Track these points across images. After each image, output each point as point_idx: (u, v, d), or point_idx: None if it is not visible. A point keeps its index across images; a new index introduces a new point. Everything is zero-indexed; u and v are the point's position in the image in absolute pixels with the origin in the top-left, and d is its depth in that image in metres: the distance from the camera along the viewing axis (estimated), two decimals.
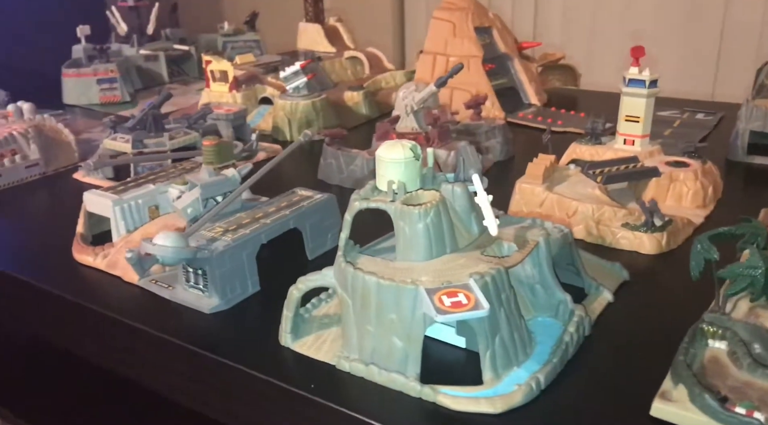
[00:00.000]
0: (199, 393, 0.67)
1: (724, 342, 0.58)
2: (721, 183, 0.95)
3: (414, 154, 0.63)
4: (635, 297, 0.71)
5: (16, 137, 1.10)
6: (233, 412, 0.65)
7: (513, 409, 0.55)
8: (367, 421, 0.55)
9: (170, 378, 0.69)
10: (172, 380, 0.69)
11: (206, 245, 0.69)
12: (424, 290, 0.56)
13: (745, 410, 0.50)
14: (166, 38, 1.81)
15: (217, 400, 0.66)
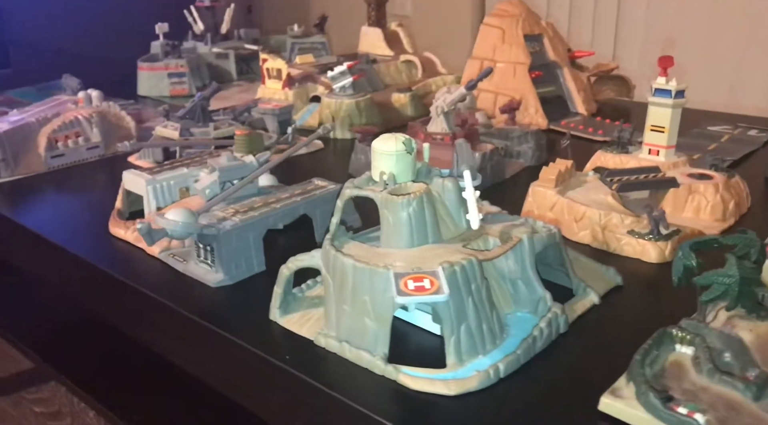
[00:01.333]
0: (196, 358, 0.73)
1: (692, 348, 0.58)
2: (749, 199, 0.93)
3: (406, 147, 0.67)
4: (626, 303, 0.72)
5: (81, 121, 1.20)
6: (224, 377, 0.70)
7: (468, 393, 0.57)
8: (332, 393, 0.58)
9: (173, 343, 0.75)
10: (174, 345, 0.75)
11: (215, 223, 0.74)
12: (393, 274, 0.59)
13: (687, 411, 0.50)
14: (238, 38, 1.91)
15: (211, 365, 0.71)
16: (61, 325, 1.34)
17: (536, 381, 0.59)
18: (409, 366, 0.59)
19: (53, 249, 0.89)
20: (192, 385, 0.96)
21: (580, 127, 1.29)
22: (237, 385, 0.69)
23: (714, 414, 0.51)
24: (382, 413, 0.55)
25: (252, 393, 0.68)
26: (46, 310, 1.40)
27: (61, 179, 1.13)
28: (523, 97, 1.33)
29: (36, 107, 1.26)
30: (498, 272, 0.67)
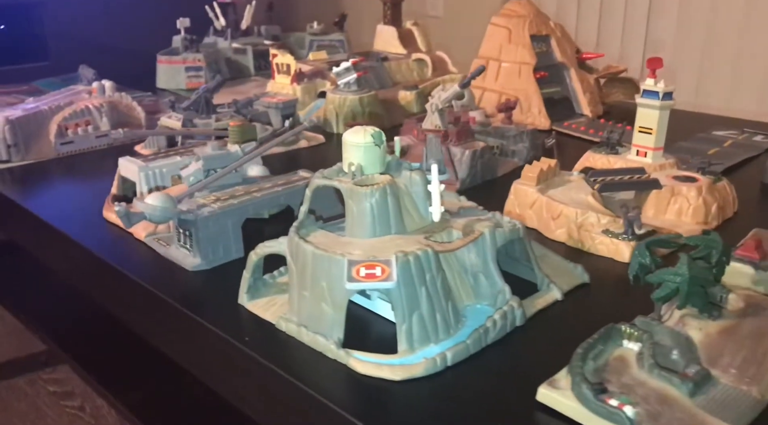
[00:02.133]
0: (172, 339, 0.75)
1: (639, 344, 0.59)
2: (735, 203, 0.92)
3: (375, 140, 0.68)
4: (592, 300, 0.72)
5: (91, 110, 1.24)
6: (194, 360, 0.73)
7: (413, 379, 0.58)
8: (285, 375, 0.60)
9: (152, 325, 0.78)
10: (152, 326, 0.78)
11: (194, 209, 0.77)
12: (347, 261, 0.61)
13: (618, 403, 0.51)
14: (258, 34, 1.94)
15: (184, 347, 0.73)
16: (67, 307, 1.39)
17: (483, 370, 0.60)
18: (360, 351, 0.61)
19: (50, 232, 0.92)
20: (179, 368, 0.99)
21: (581, 128, 1.29)
22: (206, 368, 0.72)
23: (645, 408, 0.52)
24: (330, 395, 0.57)
25: (219, 375, 0.71)
26: (54, 293, 1.46)
27: (69, 165, 1.17)
28: (527, 98, 1.34)
29: (52, 96, 1.31)
30: (460, 264, 0.68)
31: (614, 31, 1.97)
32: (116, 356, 1.27)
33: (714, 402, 0.53)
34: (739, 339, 0.59)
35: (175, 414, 1.13)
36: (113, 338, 1.28)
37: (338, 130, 1.31)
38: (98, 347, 1.32)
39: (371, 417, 0.55)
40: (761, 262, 0.71)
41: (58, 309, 1.42)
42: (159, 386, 1.14)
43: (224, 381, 0.70)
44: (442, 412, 0.55)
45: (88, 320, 1.37)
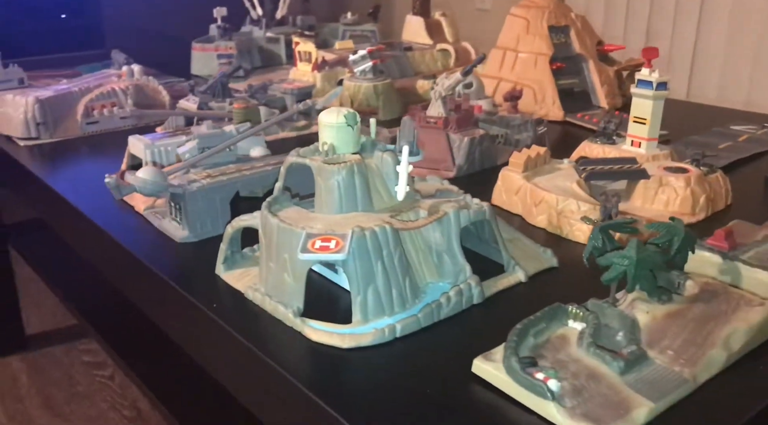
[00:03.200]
0: (156, 305, 0.80)
1: (583, 325, 0.60)
2: (729, 196, 0.91)
3: (347, 120, 0.71)
4: (557, 284, 0.74)
5: (117, 92, 1.31)
6: (172, 325, 0.77)
7: (361, 347, 0.61)
8: (243, 341, 0.63)
9: (142, 293, 0.83)
10: (143, 294, 0.83)
11: (185, 184, 0.81)
12: (305, 234, 0.64)
13: (543, 377, 0.53)
14: (293, 24, 1.98)
15: (164, 312, 0.78)
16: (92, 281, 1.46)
17: (433, 343, 0.62)
18: (316, 320, 0.64)
19: (65, 206, 0.98)
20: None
21: (594, 120, 1.29)
22: (184, 335, 0.76)
23: (573, 383, 0.53)
24: (282, 360, 0.60)
25: (194, 342, 0.75)
26: (80, 267, 1.53)
27: (93, 144, 1.24)
28: (542, 88, 1.34)
29: (85, 79, 1.38)
30: (425, 243, 0.70)
31: (639, 24, 1.95)
32: (134, 327, 1.33)
33: (643, 380, 0.54)
34: (683, 323, 0.60)
35: (180, 386, 1.18)
36: (132, 311, 1.35)
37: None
38: (120, 319, 1.39)
39: (317, 381, 0.58)
40: (730, 252, 0.71)
41: (85, 283, 1.50)
42: (167, 356, 1.20)
43: (197, 347, 0.74)
44: (384, 380, 0.58)
45: (110, 293, 1.43)
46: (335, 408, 0.53)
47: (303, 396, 0.56)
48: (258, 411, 0.66)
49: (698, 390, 0.55)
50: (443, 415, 0.53)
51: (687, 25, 1.87)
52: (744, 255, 0.70)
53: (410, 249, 0.69)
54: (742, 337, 0.58)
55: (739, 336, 0.58)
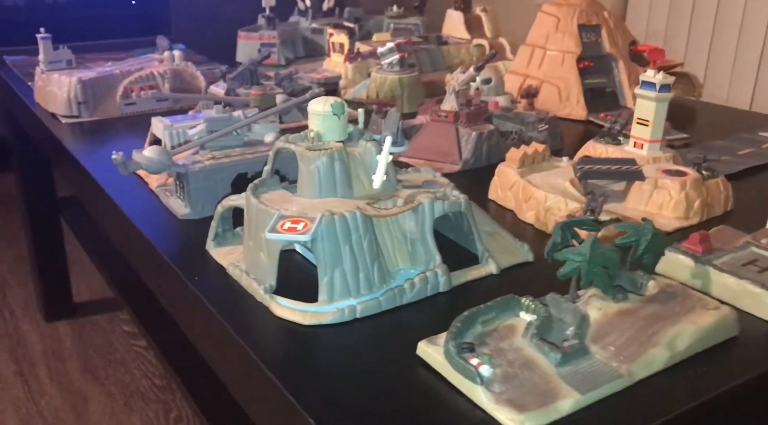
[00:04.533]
0: (153, 277, 0.85)
1: (533, 317, 0.62)
2: (729, 202, 0.90)
3: (334, 110, 0.74)
4: (529, 278, 0.75)
5: (155, 76, 1.37)
6: (164, 295, 0.82)
7: (322, 325, 0.64)
8: (213, 312, 0.68)
9: (143, 265, 0.88)
10: (144, 266, 0.88)
11: (188, 164, 0.86)
12: (278, 215, 0.67)
13: (477, 362, 0.55)
14: (339, 15, 2.03)
15: (158, 282, 0.83)
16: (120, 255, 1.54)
17: (392, 326, 0.65)
18: (284, 298, 0.67)
19: (89, 180, 1.05)
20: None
21: None
22: (174, 307, 0.81)
23: (506, 370, 0.55)
24: (246, 333, 0.64)
25: (181, 314, 0.80)
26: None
27: (130, 123, 1.31)
28: (567, 87, 1.34)
29: (128, 62, 1.46)
30: (401, 231, 0.73)
31: (681, 28, 1.91)
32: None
33: (577, 373, 0.55)
34: (632, 321, 0.61)
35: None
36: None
37: None
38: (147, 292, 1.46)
39: (273, 355, 0.61)
40: (703, 256, 0.71)
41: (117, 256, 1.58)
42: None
43: (184, 319, 0.79)
44: (337, 358, 0.61)
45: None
46: (284, 383, 0.57)
47: (258, 368, 0.60)
48: (228, 382, 0.71)
49: (633, 386, 0.56)
50: (385, 394, 0.56)
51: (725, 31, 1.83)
52: (717, 261, 0.70)
53: (385, 236, 0.71)
54: (687, 339, 0.59)
55: (684, 337, 0.59)
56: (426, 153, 1.08)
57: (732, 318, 0.62)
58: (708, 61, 2.01)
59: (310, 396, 0.55)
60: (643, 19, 2.15)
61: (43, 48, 1.38)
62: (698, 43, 1.99)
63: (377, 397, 0.56)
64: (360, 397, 0.56)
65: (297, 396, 0.55)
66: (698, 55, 2.01)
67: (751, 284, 0.66)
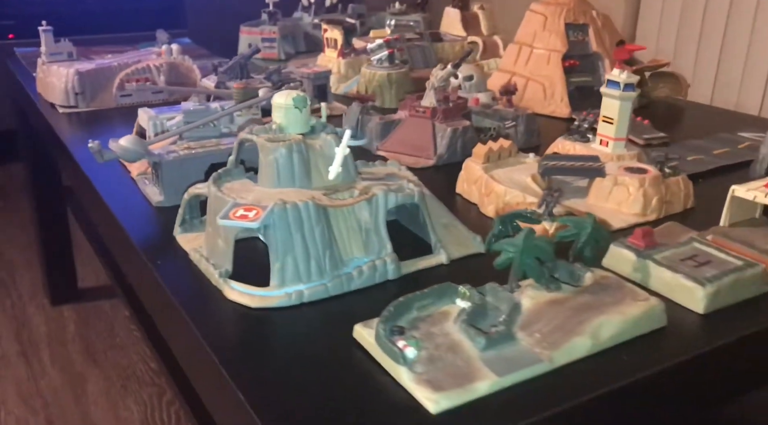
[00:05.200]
0: (124, 259, 0.89)
1: (469, 304, 0.65)
2: (689, 199, 0.92)
3: (295, 103, 0.78)
4: (479, 268, 0.78)
5: (151, 68, 1.42)
6: (132, 273, 0.86)
7: (269, 308, 0.68)
8: (169, 294, 0.71)
9: (115, 245, 0.92)
10: (116, 246, 0.92)
11: (163, 153, 0.90)
12: (232, 203, 0.71)
13: (403, 344, 0.58)
14: (342, 12, 2.06)
15: (128, 268, 0.87)
16: None
17: (338, 310, 0.68)
18: (237, 282, 0.71)
19: (78, 168, 1.10)
20: None
21: None
22: (142, 291, 0.85)
23: (432, 353, 0.58)
24: (195, 313, 0.68)
25: (148, 298, 0.83)
26: None
27: (124, 114, 1.35)
28: (552, 85, 1.36)
29: (127, 55, 1.50)
30: (356, 221, 0.76)
31: (690, 45, 1.92)
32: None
33: (499, 357, 0.58)
34: (561, 311, 0.63)
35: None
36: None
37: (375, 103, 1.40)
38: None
39: (220, 336, 0.65)
40: (645, 251, 0.73)
41: None
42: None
43: (148, 302, 0.83)
44: (279, 341, 0.64)
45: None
46: (220, 360, 0.60)
47: (202, 348, 0.63)
48: (183, 364, 0.74)
49: (555, 371, 0.58)
50: (319, 374, 0.59)
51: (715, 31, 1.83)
52: (658, 255, 0.72)
53: (340, 226, 0.74)
54: (612, 328, 0.61)
55: (610, 326, 0.61)
56: (403, 147, 1.11)
57: (659, 309, 0.64)
58: (716, 78, 2.02)
59: (246, 374, 0.58)
60: (653, 37, 2.17)
61: (45, 40, 1.43)
62: (707, 60, 2.00)
63: (311, 376, 0.59)
64: (295, 376, 0.59)
65: (230, 372, 0.58)
66: (707, 73, 2.02)
67: (684, 278, 0.68)
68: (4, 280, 2.21)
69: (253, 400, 0.55)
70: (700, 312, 0.67)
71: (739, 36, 1.92)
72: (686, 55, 2.05)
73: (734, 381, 0.68)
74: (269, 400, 0.55)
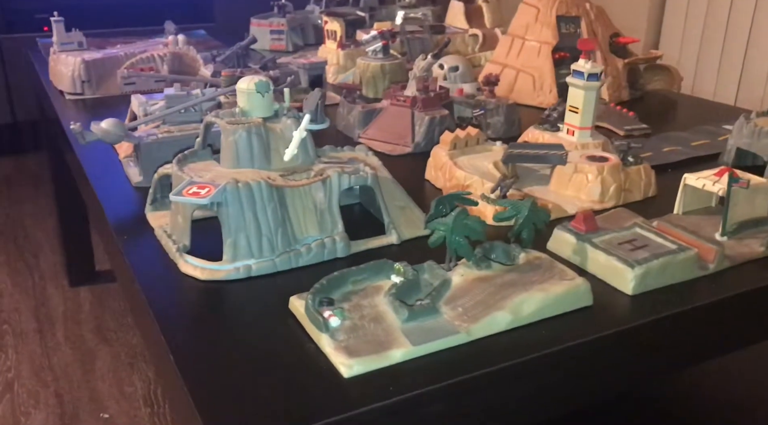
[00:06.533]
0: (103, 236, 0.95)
1: (402, 279, 0.68)
2: (651, 188, 0.93)
3: (257, 88, 0.82)
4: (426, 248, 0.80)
5: (155, 58, 1.47)
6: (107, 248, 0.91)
7: (220, 281, 0.72)
8: (128, 264, 0.76)
9: (97, 223, 0.98)
10: (98, 224, 0.98)
11: (143, 136, 0.95)
12: (188, 181, 0.75)
13: (328, 314, 0.61)
14: (352, 4, 2.09)
15: (105, 239, 0.92)
16: None
17: (285, 285, 0.72)
18: (191, 256, 0.75)
19: (70, 149, 1.15)
20: None
21: None
22: (116, 267, 0.90)
23: (356, 322, 0.62)
24: (150, 285, 0.72)
25: (117, 271, 0.89)
26: None
27: (127, 101, 1.39)
28: (541, 76, 1.37)
29: (134, 45, 1.56)
30: (312, 202, 0.80)
31: (712, 59, 1.92)
32: None
33: (419, 328, 0.61)
34: (487, 287, 0.66)
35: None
36: None
37: (362, 92, 1.44)
38: None
39: (167, 305, 0.69)
40: (585, 234, 0.75)
41: None
42: None
43: (119, 278, 0.88)
44: (222, 311, 0.69)
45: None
46: (162, 329, 0.64)
47: (149, 315, 0.67)
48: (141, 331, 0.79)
49: (472, 343, 0.61)
50: (251, 341, 0.63)
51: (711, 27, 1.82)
52: (596, 239, 0.74)
53: (297, 206, 0.78)
54: (534, 305, 0.64)
55: (531, 303, 0.64)
56: (383, 135, 1.15)
57: (584, 288, 0.67)
58: (738, 89, 2.00)
59: (180, 340, 0.63)
60: (676, 49, 2.17)
61: (56, 30, 1.50)
62: (729, 73, 2.00)
63: (244, 344, 0.63)
64: (228, 343, 0.63)
65: (167, 337, 0.62)
66: (729, 85, 2.02)
67: (616, 260, 0.70)
68: (30, 262, 2.31)
69: (181, 363, 0.59)
70: (628, 293, 0.69)
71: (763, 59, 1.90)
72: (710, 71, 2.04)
73: (654, 360, 0.70)
74: (198, 365, 0.59)
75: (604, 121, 1.25)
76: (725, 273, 0.74)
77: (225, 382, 0.57)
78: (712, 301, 0.70)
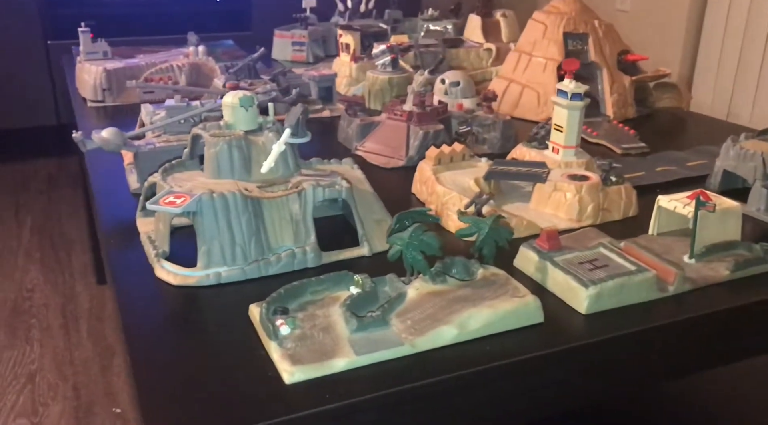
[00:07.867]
0: None
1: (359, 290, 0.70)
2: (631, 207, 0.94)
3: (241, 102, 0.85)
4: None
5: (174, 68, 1.53)
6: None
7: (188, 286, 0.76)
8: (110, 269, 0.80)
9: None
10: None
11: (142, 144, 1.00)
12: (167, 190, 0.79)
13: (280, 322, 0.64)
14: (376, 17, 2.13)
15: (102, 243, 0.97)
16: None
17: (254, 292, 0.74)
18: (169, 262, 0.79)
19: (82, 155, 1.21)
20: None
21: (587, 129, 1.31)
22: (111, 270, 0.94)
23: (306, 331, 0.65)
24: (127, 288, 0.76)
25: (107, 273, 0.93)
26: None
27: None
28: (546, 93, 1.38)
29: (156, 55, 1.63)
30: (289, 213, 0.83)
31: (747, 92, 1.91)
32: None
33: (365, 339, 0.64)
34: (439, 301, 0.68)
35: None
36: None
37: (370, 105, 1.47)
38: None
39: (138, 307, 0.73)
40: (548, 253, 0.76)
41: None
42: None
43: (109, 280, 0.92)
44: (186, 316, 0.72)
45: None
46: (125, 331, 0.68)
47: (118, 314, 0.72)
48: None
49: (416, 355, 0.63)
50: (208, 348, 0.66)
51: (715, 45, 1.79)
52: (558, 257, 0.76)
53: (273, 216, 0.82)
54: (481, 320, 0.66)
55: (478, 318, 0.66)
56: (379, 147, 1.17)
57: (534, 306, 0.68)
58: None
59: (142, 341, 0.67)
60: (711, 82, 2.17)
61: (83, 40, 1.57)
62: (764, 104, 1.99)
63: (199, 347, 0.66)
64: (184, 345, 0.66)
65: (128, 336, 0.66)
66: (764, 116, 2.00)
67: (572, 279, 0.71)
68: (62, 259, 2.40)
69: (137, 365, 0.63)
70: (582, 312, 0.70)
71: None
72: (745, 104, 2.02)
73: (607, 379, 0.71)
74: (152, 367, 0.63)
75: (603, 138, 1.25)
76: (686, 296, 0.74)
77: (174, 384, 0.60)
78: (668, 323, 0.70)
